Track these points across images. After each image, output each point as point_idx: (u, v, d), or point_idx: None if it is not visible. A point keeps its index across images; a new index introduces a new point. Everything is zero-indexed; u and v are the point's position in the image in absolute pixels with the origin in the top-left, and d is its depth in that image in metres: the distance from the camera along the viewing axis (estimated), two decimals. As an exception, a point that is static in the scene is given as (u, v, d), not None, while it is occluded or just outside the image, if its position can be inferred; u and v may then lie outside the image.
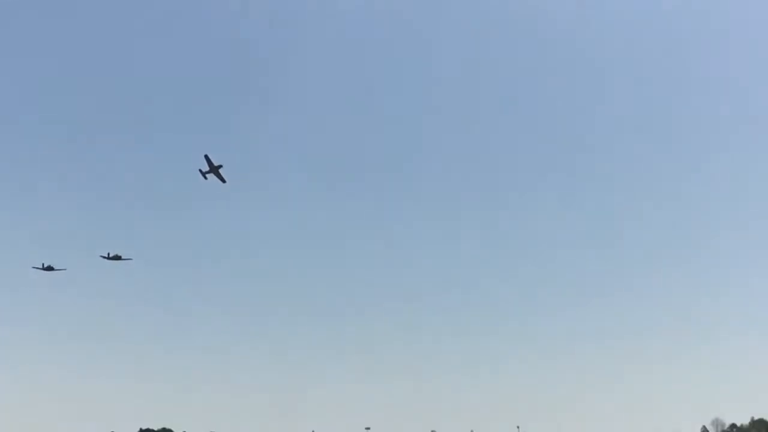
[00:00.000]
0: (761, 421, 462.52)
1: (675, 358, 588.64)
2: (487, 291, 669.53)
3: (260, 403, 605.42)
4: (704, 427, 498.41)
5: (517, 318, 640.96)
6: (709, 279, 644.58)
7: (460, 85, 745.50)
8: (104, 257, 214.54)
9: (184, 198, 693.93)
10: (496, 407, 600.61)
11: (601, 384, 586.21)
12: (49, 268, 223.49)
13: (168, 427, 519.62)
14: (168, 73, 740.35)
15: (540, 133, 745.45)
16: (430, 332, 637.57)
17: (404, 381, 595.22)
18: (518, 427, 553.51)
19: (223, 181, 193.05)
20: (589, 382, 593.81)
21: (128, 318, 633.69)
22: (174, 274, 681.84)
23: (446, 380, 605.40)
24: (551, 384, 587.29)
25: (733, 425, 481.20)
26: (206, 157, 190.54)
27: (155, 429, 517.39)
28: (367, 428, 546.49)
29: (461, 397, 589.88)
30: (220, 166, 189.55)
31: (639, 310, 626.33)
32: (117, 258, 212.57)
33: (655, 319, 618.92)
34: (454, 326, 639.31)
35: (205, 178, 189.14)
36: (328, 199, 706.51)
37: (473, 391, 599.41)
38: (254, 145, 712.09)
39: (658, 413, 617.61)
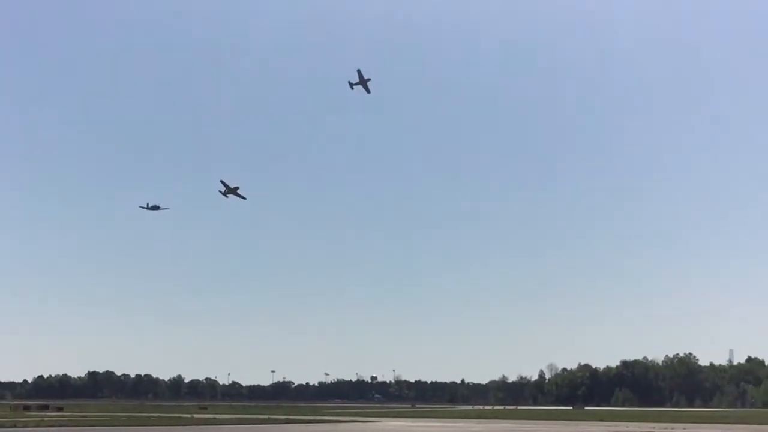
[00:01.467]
0: (586, 365, 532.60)
1: (517, 315, 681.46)
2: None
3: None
4: (541, 370, 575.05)
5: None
6: (551, 241, 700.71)
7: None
8: (222, 193, 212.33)
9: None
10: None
11: (461, 336, 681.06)
12: (155, 207, 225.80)
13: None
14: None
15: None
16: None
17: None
18: (394, 370, 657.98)
19: (244, 198, 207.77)
20: (457, 339, 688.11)
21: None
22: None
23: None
24: (420, 339, 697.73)
25: (564, 369, 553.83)
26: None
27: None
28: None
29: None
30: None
31: (490, 276, 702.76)
32: (236, 190, 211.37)
33: (505, 284, 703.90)
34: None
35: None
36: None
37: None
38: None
39: (504, 359, 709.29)
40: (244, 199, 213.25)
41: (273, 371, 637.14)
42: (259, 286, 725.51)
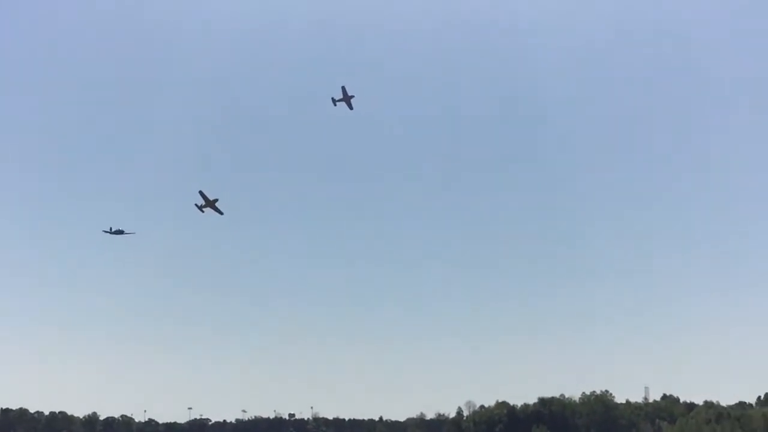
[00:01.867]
0: (504, 403, 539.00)
1: (436, 353, 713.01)
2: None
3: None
4: (459, 407, 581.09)
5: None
6: (470, 281, 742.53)
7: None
8: (198, 206, 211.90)
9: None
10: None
11: (379, 373, 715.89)
12: (119, 232, 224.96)
13: None
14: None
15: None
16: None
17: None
18: (312, 407, 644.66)
19: (221, 213, 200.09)
20: (375, 376, 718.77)
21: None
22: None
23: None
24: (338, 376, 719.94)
25: (482, 406, 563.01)
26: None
27: None
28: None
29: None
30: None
31: (408, 315, 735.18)
32: (214, 203, 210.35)
33: (423, 322, 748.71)
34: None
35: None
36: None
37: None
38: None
39: (423, 396, 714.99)
40: (221, 213, 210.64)
41: (190, 408, 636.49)
42: (176, 322, 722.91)
